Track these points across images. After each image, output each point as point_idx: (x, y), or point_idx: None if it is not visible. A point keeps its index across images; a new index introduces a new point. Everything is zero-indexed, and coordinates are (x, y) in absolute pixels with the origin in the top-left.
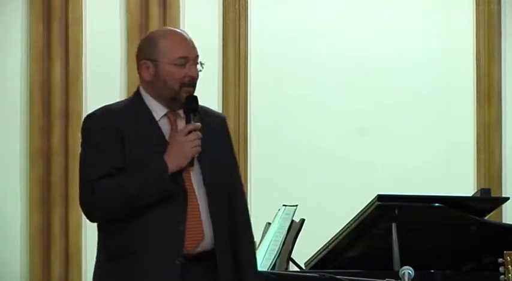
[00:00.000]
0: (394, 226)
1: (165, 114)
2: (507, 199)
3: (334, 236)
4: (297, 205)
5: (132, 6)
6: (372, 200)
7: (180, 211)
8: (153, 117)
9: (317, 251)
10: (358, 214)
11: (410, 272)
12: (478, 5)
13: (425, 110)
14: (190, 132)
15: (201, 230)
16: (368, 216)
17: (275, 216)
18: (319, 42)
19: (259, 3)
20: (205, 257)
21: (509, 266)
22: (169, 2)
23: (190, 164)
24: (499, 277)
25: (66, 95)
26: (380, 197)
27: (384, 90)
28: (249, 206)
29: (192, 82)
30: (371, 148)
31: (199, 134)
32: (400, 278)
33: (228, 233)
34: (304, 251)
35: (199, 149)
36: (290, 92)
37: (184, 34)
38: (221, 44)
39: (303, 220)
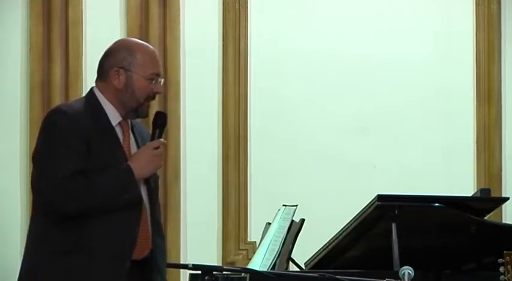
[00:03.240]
0: (394, 226)
1: (119, 122)
2: (507, 199)
3: (334, 236)
4: (297, 205)
5: (132, 7)
6: (372, 200)
7: (136, 217)
8: (111, 123)
9: (317, 251)
10: (358, 214)
11: (410, 272)
12: (478, 5)
13: (425, 110)
14: (158, 147)
15: (149, 239)
16: (368, 216)
17: (275, 216)
18: (319, 42)
19: (259, 3)
20: (142, 265)
21: (509, 266)
22: (169, 2)
23: None
24: (499, 277)
25: (66, 95)
26: (380, 197)
27: (384, 90)
28: (249, 206)
29: (154, 97)
30: (371, 148)
31: (164, 149)
32: (400, 278)
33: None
34: (304, 251)
35: (162, 163)
36: (290, 92)
37: (156, 51)
38: (221, 43)
39: (303, 220)
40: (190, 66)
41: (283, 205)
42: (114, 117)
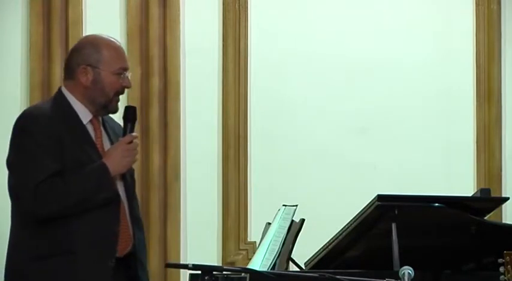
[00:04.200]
0: (394, 226)
1: (90, 120)
2: (507, 199)
3: (334, 236)
4: (297, 205)
5: (132, 7)
6: (372, 200)
7: (115, 214)
8: (81, 122)
9: (317, 251)
10: (358, 214)
11: (410, 272)
12: (478, 5)
13: (425, 110)
14: (131, 141)
15: (130, 235)
16: (368, 216)
17: (275, 216)
18: (319, 42)
19: (259, 4)
20: (126, 260)
21: (509, 266)
22: (169, 2)
23: None
24: (499, 277)
25: None
26: (380, 197)
27: (384, 90)
28: (249, 206)
29: (123, 91)
30: (371, 148)
31: (137, 143)
32: (400, 278)
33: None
34: (304, 251)
35: (137, 158)
36: (290, 92)
37: (121, 45)
38: (221, 43)
39: (303, 220)
40: (190, 66)
41: (283, 205)
42: (85, 115)
